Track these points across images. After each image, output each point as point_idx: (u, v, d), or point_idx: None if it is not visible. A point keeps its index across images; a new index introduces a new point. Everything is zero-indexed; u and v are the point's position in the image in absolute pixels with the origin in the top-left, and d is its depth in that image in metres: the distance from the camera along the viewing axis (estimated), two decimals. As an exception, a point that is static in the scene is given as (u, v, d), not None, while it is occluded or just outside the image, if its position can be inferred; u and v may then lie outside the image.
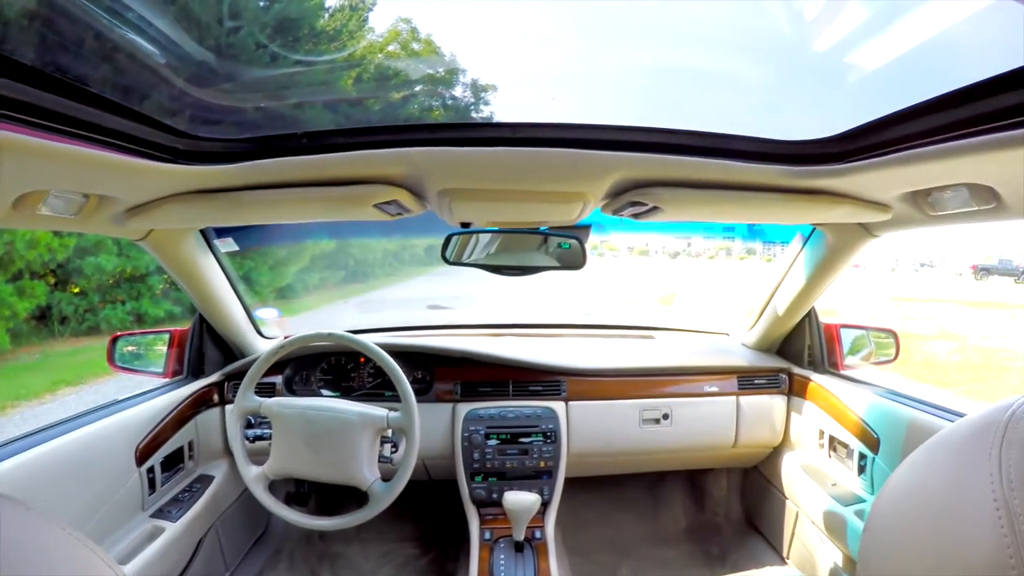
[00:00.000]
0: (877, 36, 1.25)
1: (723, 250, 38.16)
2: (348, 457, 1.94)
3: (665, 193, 1.52)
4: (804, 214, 1.80)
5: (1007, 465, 0.55)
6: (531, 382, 2.52)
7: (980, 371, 11.24)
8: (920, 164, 1.26)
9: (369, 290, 17.40)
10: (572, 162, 1.33)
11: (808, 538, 2.45)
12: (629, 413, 2.54)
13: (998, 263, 36.25)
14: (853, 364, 2.66)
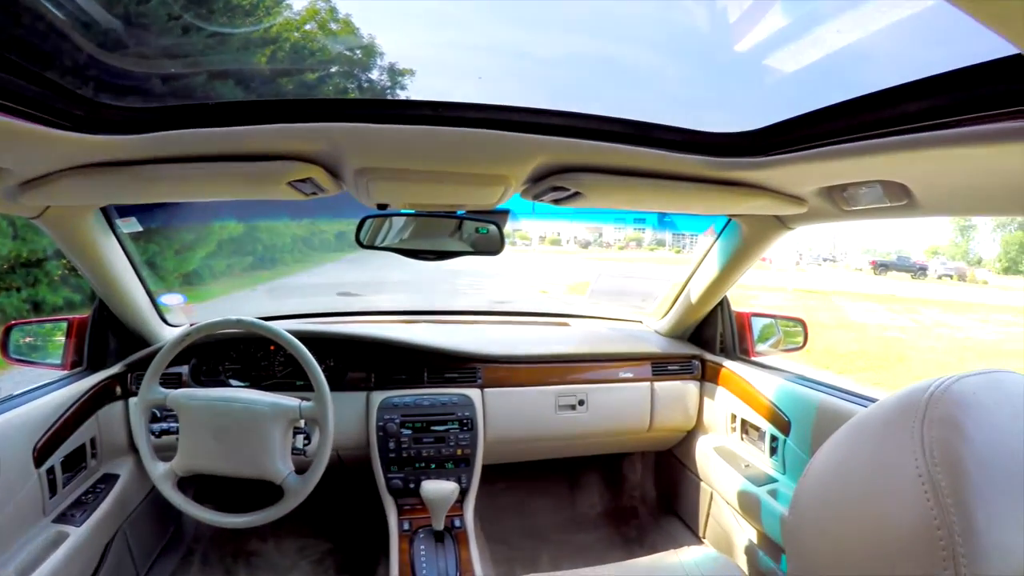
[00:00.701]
0: (796, 41, 1.29)
1: (633, 241, 38.68)
2: (260, 450, 1.87)
3: (587, 179, 1.51)
4: (724, 205, 1.84)
5: (929, 442, 0.59)
6: (447, 369, 2.49)
7: (878, 359, 11.87)
8: (837, 160, 1.31)
9: (278, 276, 16.88)
10: (496, 144, 1.31)
11: (723, 518, 2.53)
12: (545, 399, 2.55)
13: (896, 259, 38.13)
14: (763, 351, 2.76)
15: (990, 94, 0.93)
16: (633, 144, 1.36)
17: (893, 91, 1.09)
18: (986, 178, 1.25)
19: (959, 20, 0.79)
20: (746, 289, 18.43)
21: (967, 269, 38.94)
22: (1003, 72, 0.89)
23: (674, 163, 1.46)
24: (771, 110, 1.36)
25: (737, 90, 1.61)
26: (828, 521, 0.66)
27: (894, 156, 1.20)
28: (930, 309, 20.32)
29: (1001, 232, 57.52)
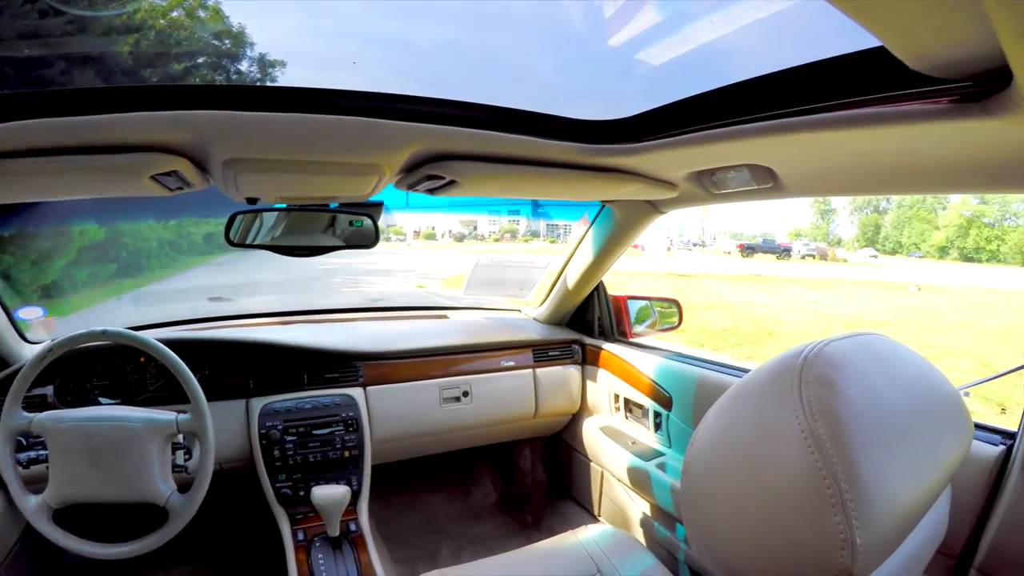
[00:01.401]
0: (667, 37, 1.34)
1: (508, 232, 38.87)
2: (138, 471, 1.75)
3: (462, 167, 1.52)
4: (598, 190, 1.89)
5: (807, 400, 0.63)
6: (327, 369, 2.41)
7: (750, 335, 12.48)
8: (706, 146, 1.39)
9: (145, 283, 15.90)
10: (369, 132, 1.28)
11: (615, 495, 2.61)
12: (429, 393, 2.53)
13: (762, 242, 40.00)
14: (641, 332, 2.84)
15: (852, 83, 1.02)
16: (508, 131, 1.37)
17: (759, 80, 1.17)
18: (845, 160, 1.36)
19: (820, 19, 0.88)
20: (620, 275, 18.82)
21: (828, 249, 41.43)
22: (864, 63, 0.98)
23: (548, 150, 1.49)
24: (643, 99, 1.42)
25: (610, 81, 1.67)
26: (719, 484, 0.70)
27: (760, 141, 1.28)
28: (795, 287, 21.53)
29: (858, 215, 61.38)
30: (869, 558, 0.60)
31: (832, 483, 0.59)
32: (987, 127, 0.96)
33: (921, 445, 0.72)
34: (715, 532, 0.70)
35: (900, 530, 0.67)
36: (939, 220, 54.13)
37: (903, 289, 23.21)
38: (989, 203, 49.75)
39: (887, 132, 1.09)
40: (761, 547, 0.64)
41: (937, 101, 0.95)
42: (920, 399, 0.76)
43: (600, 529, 1.91)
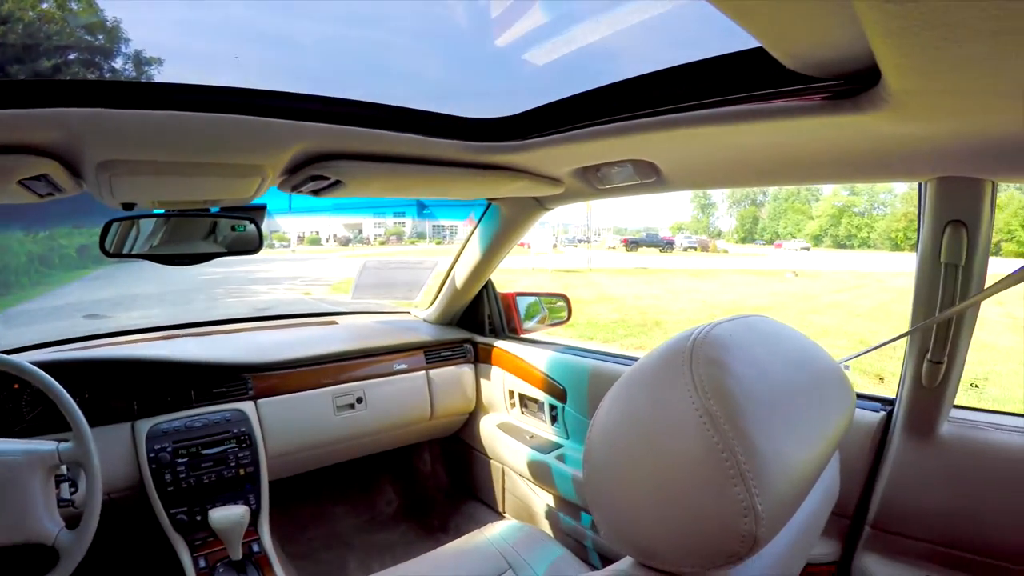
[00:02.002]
0: (553, 38, 1.37)
1: (394, 235, 38.51)
2: (20, 509, 1.59)
3: (348, 166, 1.50)
4: (485, 188, 1.92)
5: (699, 380, 0.66)
6: (215, 384, 2.30)
7: (638, 326, 12.80)
8: (591, 142, 1.44)
9: (14, 303, 14.90)
10: (251, 130, 1.25)
11: (518, 490, 2.66)
12: (322, 402, 2.47)
13: (645, 236, 41.24)
14: (531, 328, 2.90)
15: (731, 81, 1.10)
16: (394, 130, 1.38)
17: (643, 78, 1.24)
18: (724, 154, 1.45)
19: (703, 22, 0.95)
20: (508, 273, 19.07)
21: (709, 241, 43.32)
22: (744, 62, 1.06)
23: (435, 148, 1.50)
24: (529, 98, 1.45)
25: (497, 80, 1.70)
26: (621, 467, 0.72)
27: (644, 137, 1.35)
28: (679, 278, 22.23)
29: (737, 208, 64.65)
30: (771, 522, 0.64)
31: (729, 456, 0.62)
32: (857, 122, 1.05)
33: (808, 415, 0.77)
34: (622, 514, 0.72)
35: (796, 495, 0.72)
36: (813, 211, 57.54)
37: (781, 276, 24.36)
38: (859, 194, 53.38)
39: (765, 127, 1.16)
40: (668, 523, 0.67)
41: (811, 98, 1.03)
42: (804, 373, 0.82)
43: (507, 525, 1.94)
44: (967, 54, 0.69)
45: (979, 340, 9.67)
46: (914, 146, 1.22)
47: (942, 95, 0.87)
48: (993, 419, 1.63)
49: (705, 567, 0.67)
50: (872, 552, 1.71)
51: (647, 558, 0.72)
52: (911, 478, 1.64)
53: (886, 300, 17.47)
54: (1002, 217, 38.89)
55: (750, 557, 0.65)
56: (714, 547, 0.64)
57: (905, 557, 1.66)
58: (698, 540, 0.65)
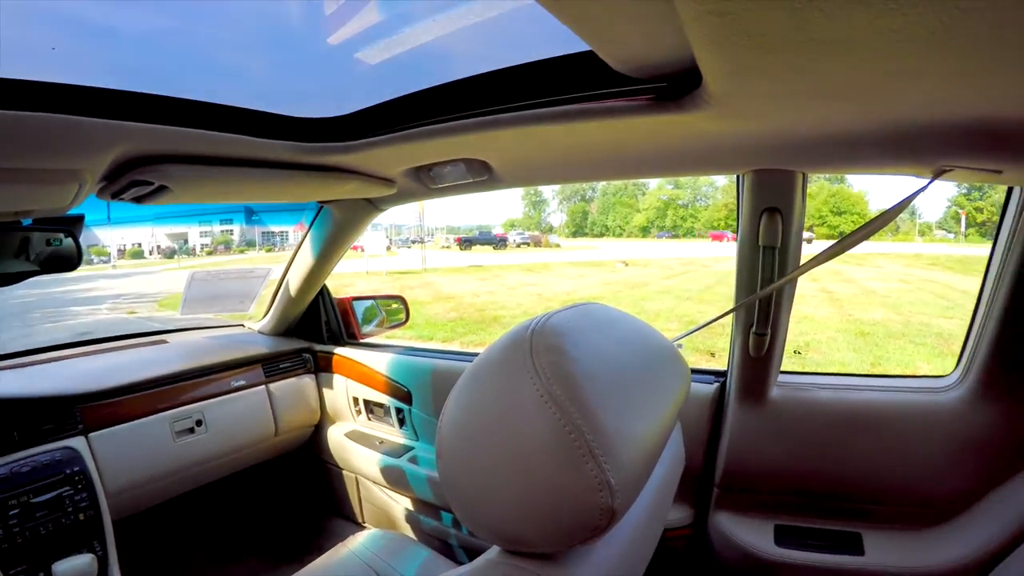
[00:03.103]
0: (388, 37, 1.37)
1: (222, 244, 37.04)
2: None
3: (174, 170, 1.43)
4: (317, 190, 1.91)
5: (541, 367, 0.70)
6: (40, 421, 2.05)
7: (476, 323, 13.03)
8: (423, 142, 1.47)
9: None
10: (68, 130, 1.15)
11: (375, 498, 2.64)
12: (160, 428, 2.27)
13: (479, 235, 41.83)
14: (370, 332, 2.90)
15: (562, 82, 1.17)
16: (222, 130, 1.34)
17: (474, 78, 1.29)
18: (555, 152, 1.53)
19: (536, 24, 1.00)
20: (344, 278, 18.83)
21: (541, 237, 44.55)
22: (574, 64, 1.13)
23: (265, 150, 1.48)
24: (362, 98, 1.47)
25: (329, 79, 1.67)
26: (475, 459, 0.74)
27: (476, 136, 1.40)
28: (513, 273, 22.69)
29: (567, 204, 66.88)
30: (625, 494, 0.68)
31: (578, 435, 0.66)
32: (681, 121, 1.15)
33: (648, 391, 0.83)
34: (482, 505, 0.74)
35: (646, 465, 0.77)
36: (640, 204, 60.32)
37: (612, 266, 25.32)
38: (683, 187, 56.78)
39: (594, 126, 1.25)
40: (528, 507, 0.70)
41: (638, 99, 1.11)
42: (640, 353, 0.88)
43: (369, 535, 1.93)
44: (780, 61, 0.78)
45: (799, 313, 10.52)
46: (733, 142, 1.36)
47: (757, 97, 0.97)
48: (816, 380, 1.88)
49: (570, 544, 0.71)
50: (723, 511, 1.91)
51: (513, 544, 0.75)
52: (748, 440, 1.85)
53: (711, 283, 18.61)
54: (813, 204, 43.19)
55: (610, 529, 0.69)
56: (575, 523, 0.68)
57: (752, 510, 1.88)
58: (559, 519, 0.68)
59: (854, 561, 1.71)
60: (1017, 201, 1.57)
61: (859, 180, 49.47)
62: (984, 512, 1.67)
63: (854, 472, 1.78)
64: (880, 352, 10.25)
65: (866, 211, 43.06)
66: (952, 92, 0.93)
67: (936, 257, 27.55)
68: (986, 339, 1.67)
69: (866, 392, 1.82)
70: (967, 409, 1.71)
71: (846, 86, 0.90)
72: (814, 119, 1.14)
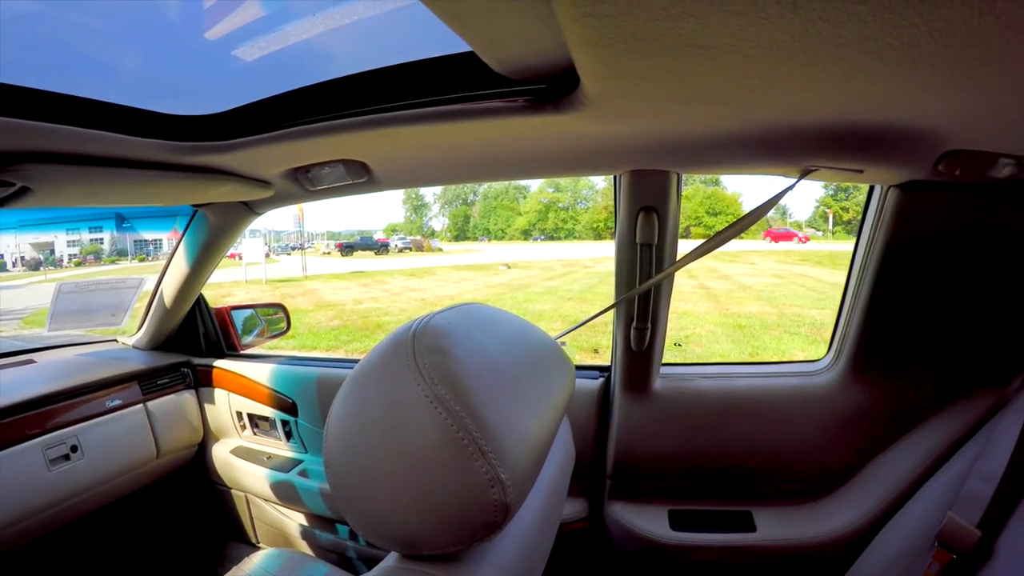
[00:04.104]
0: (266, 34, 1.33)
1: (91, 254, 35.38)
2: None
3: (36, 170, 1.34)
4: (189, 193, 1.84)
5: (424, 368, 0.70)
6: None
7: (360, 330, 12.88)
8: (300, 142, 1.44)
9: None
10: None
11: (267, 516, 2.56)
12: (31, 457, 2.05)
13: (360, 240, 41.77)
14: (251, 343, 2.82)
15: (441, 82, 1.18)
16: (88, 126, 1.26)
17: (352, 77, 1.27)
18: (434, 152, 1.53)
19: (418, 25, 0.99)
20: (221, 288, 18.34)
21: (423, 241, 45.01)
22: (453, 65, 1.15)
23: (134, 148, 1.40)
24: (239, 96, 1.42)
25: (205, 75, 1.60)
26: (365, 467, 0.72)
27: (353, 136, 1.38)
28: (396, 278, 22.70)
29: (449, 208, 67.43)
30: (517, 489, 0.69)
31: (466, 435, 0.66)
32: (559, 122, 1.18)
33: (533, 388, 0.84)
34: (375, 513, 0.73)
35: (535, 460, 0.78)
36: (521, 208, 61.35)
37: (495, 269, 25.66)
38: (563, 190, 58.10)
39: (472, 126, 1.27)
40: (422, 510, 0.69)
41: (516, 100, 1.13)
42: (524, 351, 0.89)
43: (264, 555, 1.84)
44: (656, 64, 0.81)
45: (679, 309, 10.96)
46: (610, 143, 1.40)
47: (633, 99, 1.01)
48: (697, 370, 2.00)
49: (468, 543, 0.71)
50: (617, 500, 1.99)
51: (411, 549, 0.74)
52: (636, 430, 1.94)
53: (593, 283, 19.12)
54: (690, 206, 45.34)
55: (506, 525, 0.70)
56: (471, 522, 0.68)
57: (645, 498, 1.97)
58: (454, 519, 0.69)
59: (747, 538, 1.83)
60: (877, 199, 1.69)
61: (733, 182, 52.64)
62: (863, 482, 1.83)
63: (740, 454, 1.90)
64: (757, 343, 10.77)
65: (740, 211, 45.41)
66: (816, 97, 0.99)
67: (806, 253, 29.30)
68: (854, 325, 1.83)
69: (746, 379, 1.94)
70: (840, 389, 1.87)
71: (718, 90, 0.95)
72: (688, 121, 1.20)
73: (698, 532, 1.86)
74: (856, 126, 1.17)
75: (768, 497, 1.92)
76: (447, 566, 0.75)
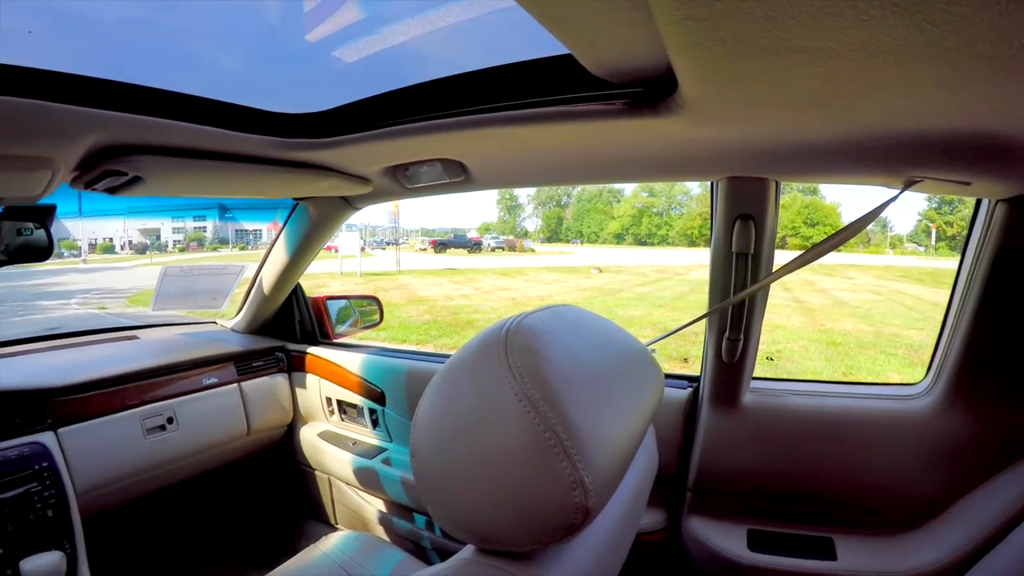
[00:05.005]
0: (365, 37, 1.37)
1: (194, 241, 36.65)
2: None
3: (148, 161, 1.42)
4: (292, 187, 1.90)
5: (515, 366, 0.70)
6: (7, 415, 1.98)
7: (450, 326, 13.00)
8: (399, 141, 1.47)
9: None
10: (42, 117, 1.13)
11: (348, 500, 2.62)
12: (131, 425, 2.22)
13: (453, 238, 42.01)
14: (343, 332, 2.89)
15: (539, 84, 1.18)
16: (198, 122, 1.33)
17: (452, 78, 1.29)
18: (530, 154, 1.54)
19: (516, 27, 1.01)
20: (317, 279, 18.72)
21: (516, 241, 44.77)
22: (551, 68, 1.14)
23: (241, 143, 1.47)
24: (338, 95, 1.46)
25: (307, 76, 1.66)
26: (450, 458, 0.74)
27: (452, 136, 1.40)
28: (488, 277, 22.72)
29: (542, 209, 67.18)
30: (598, 494, 0.68)
31: (552, 435, 0.66)
32: (656, 126, 1.16)
33: (621, 393, 0.83)
34: (457, 504, 0.74)
35: (619, 466, 0.77)
36: (614, 212, 60.63)
37: (586, 272, 25.46)
38: (657, 195, 57.14)
39: (569, 129, 1.26)
40: (503, 505, 0.70)
41: (614, 103, 1.12)
42: (614, 356, 0.88)
43: (342, 536, 1.91)
44: (755, 68, 0.79)
45: (772, 322, 10.56)
46: (707, 148, 1.37)
47: (731, 103, 0.98)
48: (788, 386, 1.90)
49: (543, 542, 0.71)
50: (696, 515, 1.91)
51: (487, 543, 0.74)
52: (721, 444, 1.85)
53: (685, 291, 18.75)
54: (787, 215, 43.77)
55: (584, 529, 0.69)
56: (549, 522, 0.68)
57: (725, 515, 1.88)
58: (533, 517, 0.68)
59: (827, 566, 1.71)
60: (985, 214, 1.59)
61: (832, 191, 50.35)
62: (955, 517, 1.69)
63: (826, 477, 1.79)
64: (852, 362, 10.30)
65: (838, 222, 43.55)
66: (921, 104, 0.94)
67: (907, 269, 28.08)
68: (955, 349, 1.69)
69: (838, 399, 1.82)
70: (937, 416, 1.73)
71: (818, 95, 0.92)
72: (787, 127, 1.16)
73: (777, 555, 1.77)
74: (963, 135, 1.11)
75: (852, 525, 1.80)
76: (522, 564, 0.76)
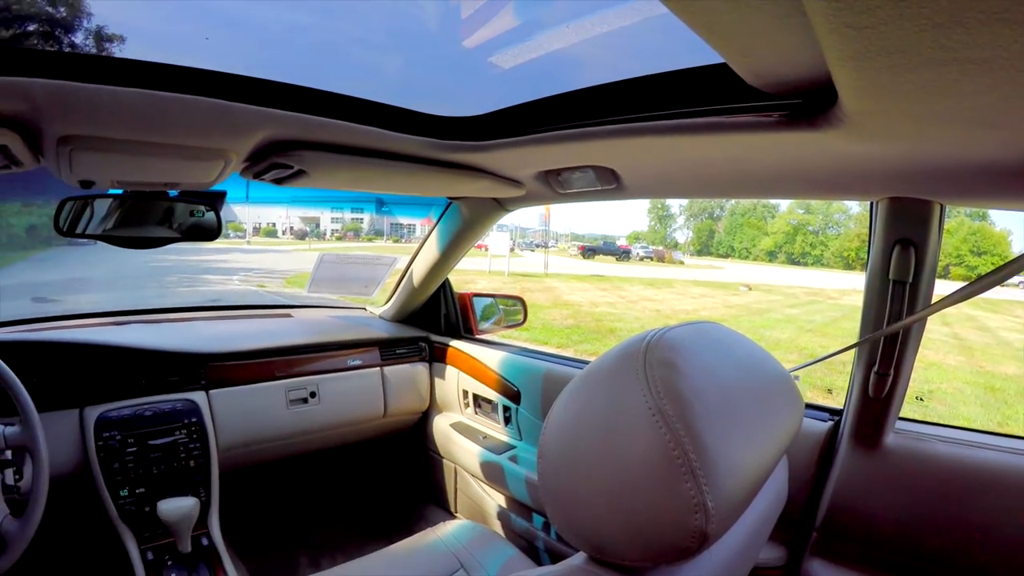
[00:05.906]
0: (521, 43, 1.39)
1: (351, 231, 38.08)
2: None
3: (312, 156, 1.50)
4: (447, 186, 1.94)
5: (652, 380, 0.69)
6: (167, 373, 2.22)
7: (592, 332, 12.94)
8: (553, 146, 1.47)
9: None
10: (219, 113, 1.22)
11: (471, 490, 2.67)
12: (275, 395, 2.42)
13: (602, 244, 41.78)
14: (487, 329, 2.92)
15: (693, 94, 1.14)
16: (359, 122, 1.38)
17: (606, 86, 1.27)
18: (683, 164, 1.49)
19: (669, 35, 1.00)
20: (466, 275, 19.05)
21: (665, 252, 44.06)
22: (706, 77, 1.10)
23: (399, 143, 1.51)
24: (494, 99, 1.48)
25: (463, 79, 1.71)
26: (576, 464, 0.74)
27: (605, 144, 1.38)
28: (634, 286, 22.48)
29: (694, 221, 65.94)
30: (720, 520, 0.66)
31: (681, 454, 0.64)
32: (814, 140, 1.10)
33: (758, 419, 0.80)
34: (576, 509, 0.74)
35: (745, 494, 0.74)
36: (768, 227, 58.57)
37: (735, 289, 24.77)
38: (814, 213, 54.66)
39: (724, 140, 1.21)
40: (623, 519, 0.69)
41: (770, 115, 1.07)
42: (755, 379, 0.85)
43: (459, 525, 1.95)
44: (919, 80, 0.73)
45: (926, 358, 9.82)
46: (867, 166, 1.28)
47: (895, 118, 0.91)
48: (937, 431, 1.70)
49: (656, 561, 0.70)
50: (819, 557, 1.76)
51: (600, 553, 0.74)
52: (857, 486, 1.69)
53: (837, 317, 17.88)
54: (952, 242, 40.38)
55: (699, 554, 0.68)
56: (666, 542, 0.67)
57: (851, 562, 1.71)
58: (650, 535, 0.67)
59: None
60: None
61: (1003, 217, 45.78)
62: None
63: (969, 537, 1.58)
64: (1010, 411, 9.33)
65: (1008, 252, 39.97)
66: None
67: (1083, 312, 25.60)
68: None
69: (992, 452, 1.60)
70: None
71: (991, 110, 0.83)
72: (955, 145, 1.06)
73: None
74: None
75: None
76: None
